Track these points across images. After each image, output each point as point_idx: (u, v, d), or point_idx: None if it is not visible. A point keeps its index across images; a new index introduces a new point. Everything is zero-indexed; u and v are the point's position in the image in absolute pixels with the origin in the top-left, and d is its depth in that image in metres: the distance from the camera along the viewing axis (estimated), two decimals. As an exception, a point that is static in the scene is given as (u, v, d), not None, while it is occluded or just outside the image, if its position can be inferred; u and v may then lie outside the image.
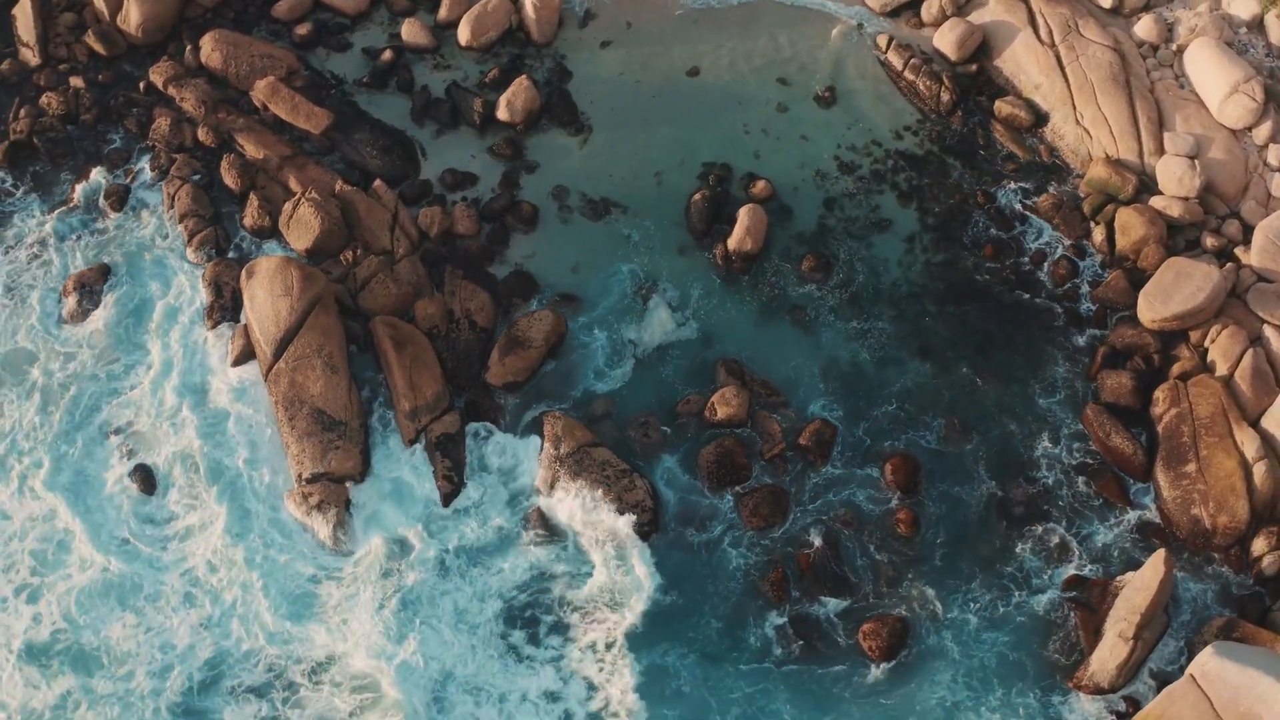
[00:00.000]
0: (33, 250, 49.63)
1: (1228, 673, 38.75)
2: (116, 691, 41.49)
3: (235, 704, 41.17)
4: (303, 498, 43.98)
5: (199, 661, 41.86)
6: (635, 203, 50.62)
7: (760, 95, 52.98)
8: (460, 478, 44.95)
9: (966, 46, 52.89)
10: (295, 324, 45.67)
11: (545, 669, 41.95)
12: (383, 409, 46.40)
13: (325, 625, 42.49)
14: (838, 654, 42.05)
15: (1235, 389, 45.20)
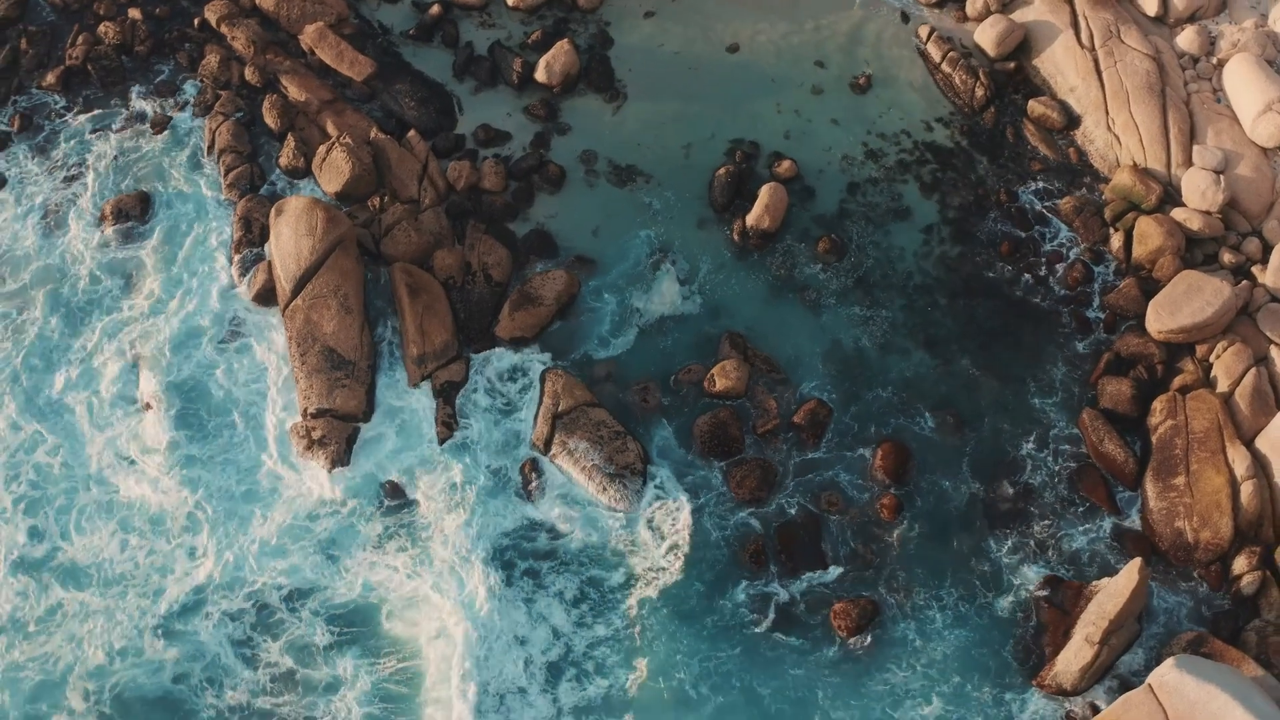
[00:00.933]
0: (75, 172, 50.98)
1: (1186, 686, 38.61)
2: (106, 608, 42.78)
3: (214, 628, 42.30)
4: (306, 431, 45.04)
5: (188, 586, 42.97)
6: (661, 172, 50.91)
7: (796, 77, 52.93)
8: (459, 424, 45.69)
9: (1006, 44, 52.47)
10: (315, 264, 46.65)
11: (519, 611, 42.75)
12: (393, 353, 47.21)
13: (314, 558, 43.47)
14: (805, 628, 42.34)
15: (1234, 406, 44.68)
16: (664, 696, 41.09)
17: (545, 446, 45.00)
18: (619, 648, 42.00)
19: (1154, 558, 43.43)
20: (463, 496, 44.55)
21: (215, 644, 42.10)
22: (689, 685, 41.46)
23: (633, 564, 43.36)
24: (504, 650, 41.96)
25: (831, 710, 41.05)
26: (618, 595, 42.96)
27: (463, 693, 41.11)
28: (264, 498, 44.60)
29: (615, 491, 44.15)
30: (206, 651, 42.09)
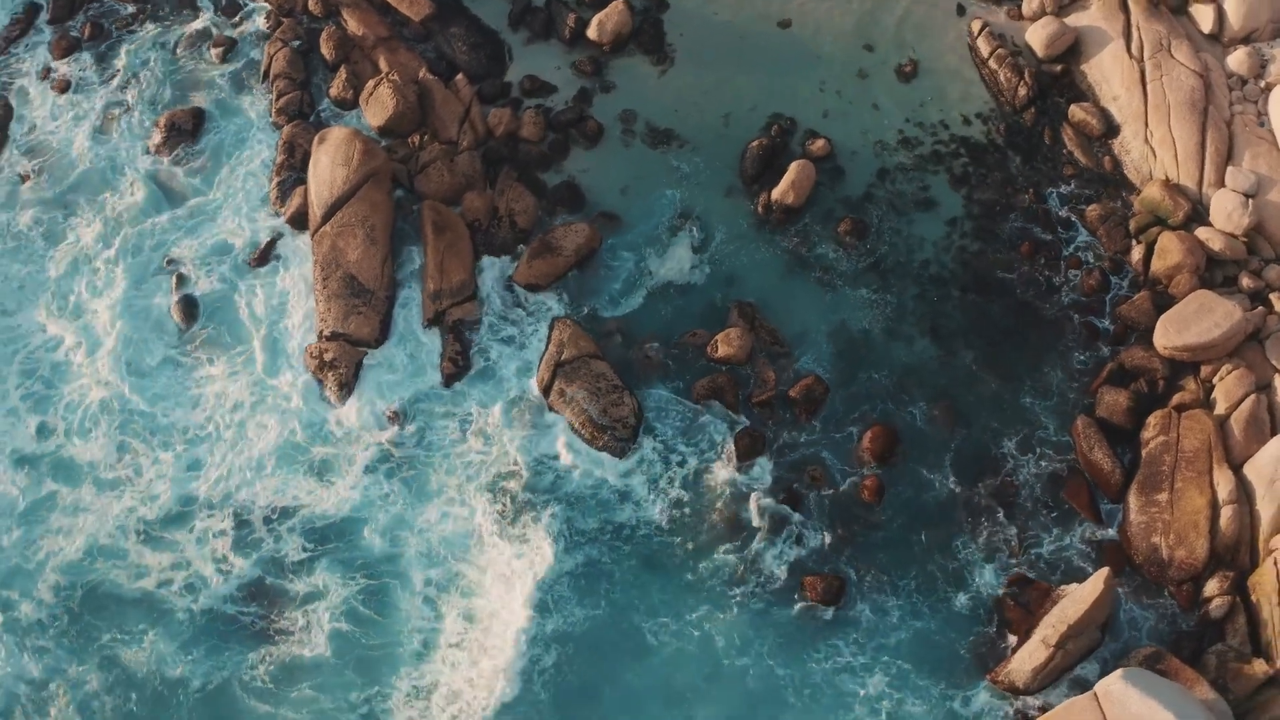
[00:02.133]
0: (135, 82, 52.48)
1: (1130, 699, 38.31)
2: (97, 507, 44.48)
3: (199, 539, 43.87)
4: (319, 353, 46.23)
5: (180, 496, 44.57)
6: (696, 139, 50.96)
7: (844, 58, 52.51)
8: (466, 362, 46.65)
9: (1056, 46, 51.47)
10: (347, 193, 47.61)
11: (503, 549, 43.60)
12: (412, 287, 48.16)
13: (308, 479, 44.84)
14: (771, 594, 42.76)
15: (1228, 430, 43.85)
16: (620, 637, 41.88)
17: (545, 392, 45.73)
18: (586, 588, 42.76)
19: (1128, 571, 42.91)
20: (460, 431, 45.44)
21: (198, 555, 43.51)
22: (649, 631, 42.15)
23: (613, 512, 44.02)
24: (473, 579, 42.92)
25: (776, 666, 41.61)
26: (594, 539, 43.76)
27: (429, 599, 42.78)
28: (269, 416, 45.74)
29: (606, 442, 44.79)
30: (189, 561, 43.53)
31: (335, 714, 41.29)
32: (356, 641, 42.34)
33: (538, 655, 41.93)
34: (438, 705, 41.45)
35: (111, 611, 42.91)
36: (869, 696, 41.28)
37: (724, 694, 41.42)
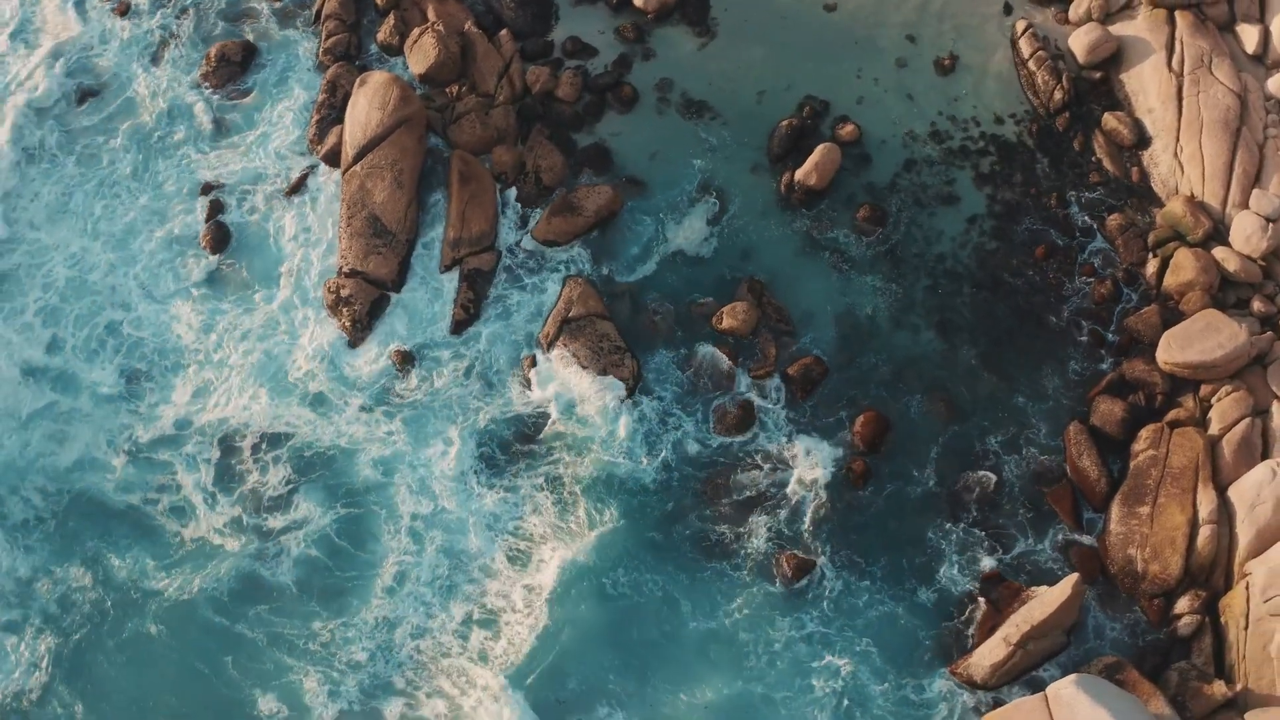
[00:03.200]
0: (189, 11, 53.38)
1: (1078, 704, 38.05)
2: (95, 419, 45.72)
3: (190, 462, 44.92)
4: (336, 288, 46.98)
5: (176, 418, 45.71)
6: (729, 113, 50.81)
7: (885, 46, 51.93)
8: (477, 311, 47.15)
9: (1097, 53, 50.48)
10: (379, 136, 48.09)
11: (489, 495, 44.24)
12: (435, 235, 48.67)
13: (308, 410, 45.76)
14: (741, 562, 43.07)
15: (1218, 451, 43.09)
16: (584, 586, 42.54)
17: (548, 346, 46.11)
18: (562, 535, 43.40)
19: (1102, 580, 42.62)
20: (463, 377, 45.98)
21: (187, 477, 44.55)
22: (610, 583, 42.71)
23: (599, 469, 44.37)
24: (459, 516, 43.90)
25: (737, 631, 41.93)
26: (577, 493, 44.18)
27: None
28: (278, 347, 46.66)
29: (602, 401, 45.20)
30: (178, 484, 44.61)
31: (294, 639, 42.11)
32: (328, 569, 43.16)
33: (508, 602, 42.53)
34: (402, 639, 42.17)
35: (97, 520, 44.07)
36: (826, 669, 41.46)
37: (680, 650, 41.91)
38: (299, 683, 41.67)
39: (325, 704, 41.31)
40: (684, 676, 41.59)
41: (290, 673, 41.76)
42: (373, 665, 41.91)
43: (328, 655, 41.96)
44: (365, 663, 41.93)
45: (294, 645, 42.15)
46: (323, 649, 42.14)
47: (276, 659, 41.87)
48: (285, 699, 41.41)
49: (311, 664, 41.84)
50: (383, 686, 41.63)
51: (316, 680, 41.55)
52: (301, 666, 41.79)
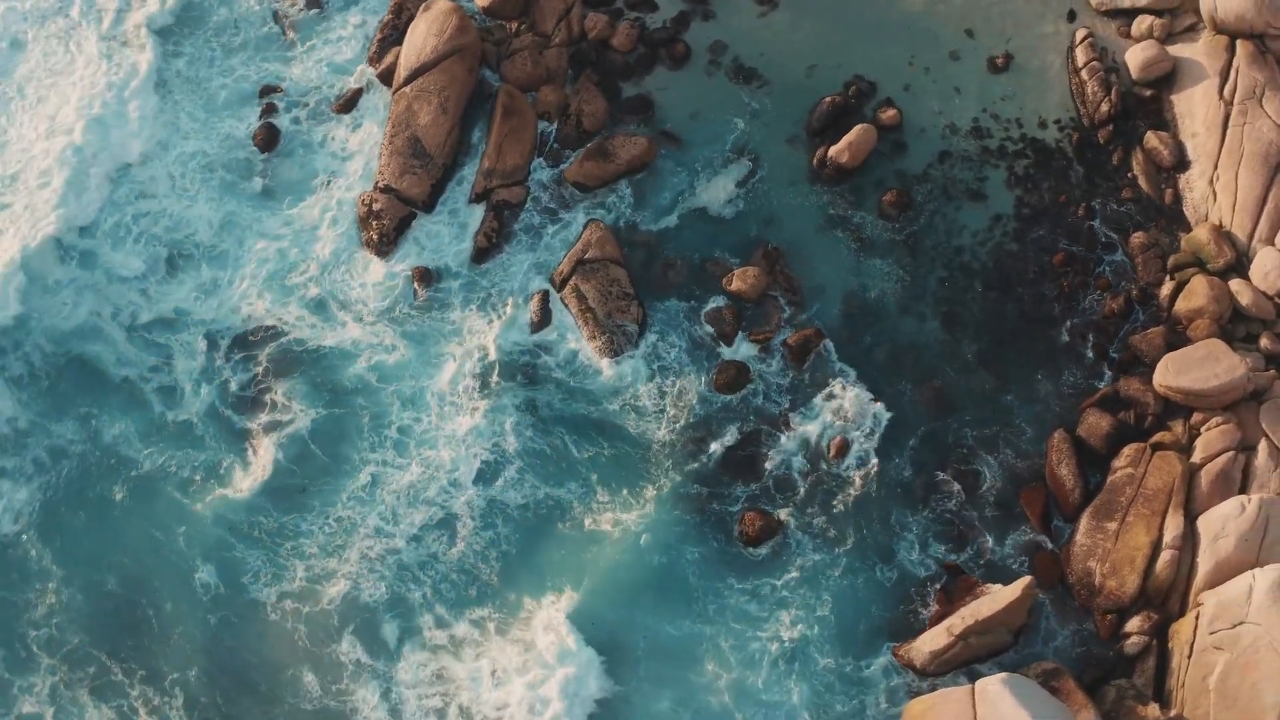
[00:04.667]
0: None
1: (1003, 702, 37.71)
2: (102, 290, 47.09)
3: (191, 348, 46.27)
4: (369, 201, 47.82)
5: (180, 306, 47.00)
6: (776, 82, 50.33)
7: (941, 37, 50.94)
8: (499, 241, 47.63)
9: (1151, 70, 49.00)
10: (432, 61, 48.67)
11: (474, 418, 44.89)
12: (472, 167, 49.12)
13: (315, 314, 46.81)
14: (710, 515, 43.32)
15: (1196, 479, 42.03)
16: (547, 508, 43.38)
17: (560, 284, 46.53)
18: (543, 470, 43.98)
19: (1061, 588, 42.11)
20: (474, 303, 46.60)
21: (184, 362, 45.99)
22: (572, 507, 43.46)
23: (588, 407, 44.86)
24: (443, 432, 44.71)
25: (691, 575, 42.40)
26: (565, 429, 44.66)
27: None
28: (299, 251, 47.74)
29: (602, 343, 45.47)
30: (173, 365, 46.02)
31: (246, 525, 43.55)
32: (308, 460, 44.43)
33: (470, 512, 43.44)
34: (360, 540, 43.19)
35: (92, 387, 45.73)
36: (772, 628, 41.74)
37: (628, 580, 42.41)
38: (242, 561, 43.12)
39: (267, 585, 42.64)
40: (628, 604, 42.12)
41: (235, 551, 43.20)
42: (322, 557, 43.04)
43: (277, 542, 43.19)
44: (315, 554, 43.07)
45: (242, 530, 43.52)
46: (270, 537, 43.39)
47: (227, 539, 43.30)
48: (224, 575, 42.79)
49: (261, 550, 43.07)
50: (327, 575, 42.78)
51: (262, 561, 42.96)
52: (254, 551, 43.06)
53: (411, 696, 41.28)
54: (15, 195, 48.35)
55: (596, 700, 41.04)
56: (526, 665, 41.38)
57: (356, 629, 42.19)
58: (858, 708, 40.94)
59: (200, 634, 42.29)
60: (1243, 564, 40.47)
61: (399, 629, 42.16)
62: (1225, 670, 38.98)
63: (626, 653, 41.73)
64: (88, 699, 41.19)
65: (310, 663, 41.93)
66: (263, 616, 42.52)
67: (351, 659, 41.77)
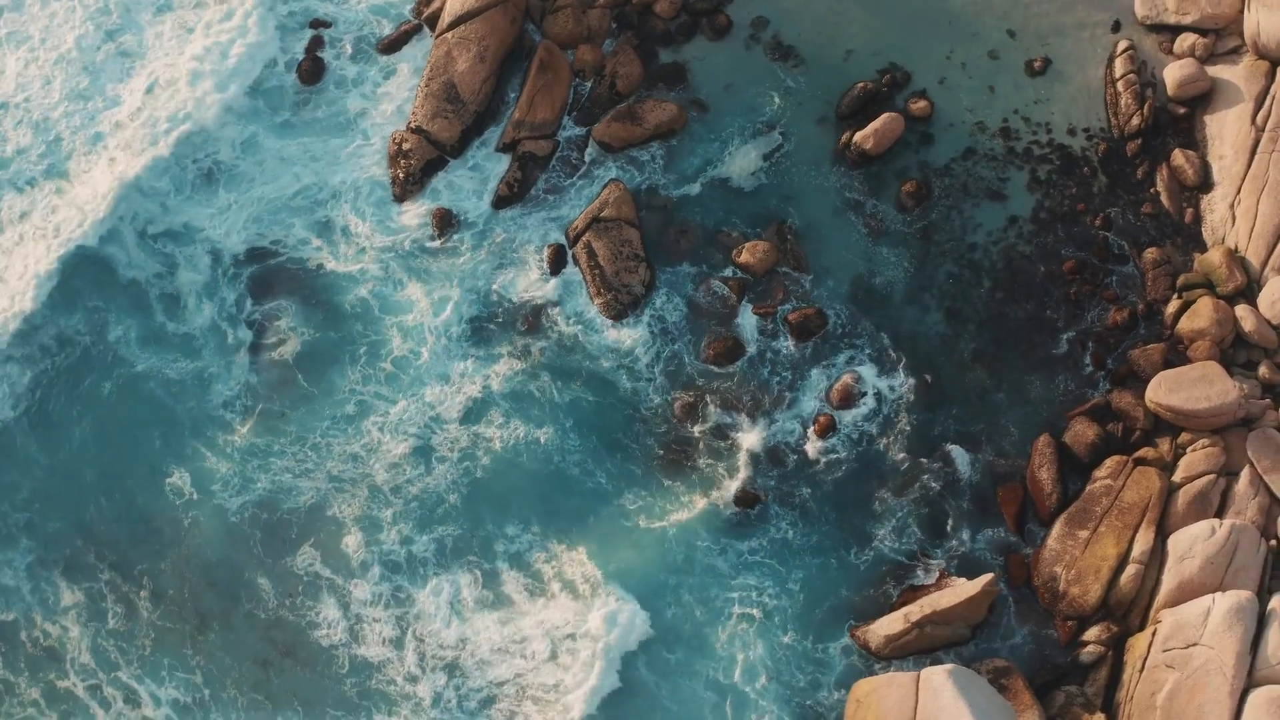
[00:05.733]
0: None
1: (944, 692, 37.79)
2: (130, 198, 47.76)
3: (197, 263, 47.15)
4: (399, 140, 48.26)
5: (194, 220, 47.85)
6: (812, 63, 49.82)
7: (982, 35, 49.97)
8: (520, 192, 47.82)
9: (1187, 89, 47.82)
10: (475, 10, 48.90)
11: (466, 364, 45.44)
12: (504, 118, 49.30)
13: (329, 244, 47.54)
14: (686, 475, 43.59)
15: (1174, 498, 41.50)
16: (527, 448, 43.90)
17: (573, 240, 46.68)
18: (527, 413, 44.58)
19: (1027, 590, 41.79)
20: (486, 249, 47.00)
21: (190, 275, 46.91)
22: (561, 457, 43.97)
23: (583, 362, 45.18)
24: (441, 372, 45.31)
25: (668, 528, 42.77)
26: (557, 380, 45.08)
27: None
28: (324, 181, 48.33)
29: (606, 300, 45.67)
30: (179, 277, 46.96)
31: (223, 444, 44.58)
32: (293, 384, 45.45)
33: (450, 446, 44.07)
34: (336, 461, 43.99)
35: (104, 286, 46.91)
36: (734, 589, 42.22)
37: (597, 524, 43.05)
38: (214, 470, 44.25)
39: (234, 494, 43.63)
40: (599, 544, 42.79)
41: (208, 460, 44.33)
42: (290, 476, 43.96)
43: (250, 457, 44.27)
44: (288, 470, 44.04)
45: (217, 442, 44.58)
46: (242, 454, 44.42)
47: (201, 449, 44.38)
48: (196, 480, 43.91)
49: (233, 462, 44.14)
50: (290, 490, 43.78)
51: (230, 471, 43.98)
52: (226, 462, 44.20)
53: (369, 614, 42.15)
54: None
55: (557, 635, 41.87)
56: (482, 592, 42.36)
57: (318, 542, 43.21)
58: (813, 682, 41.07)
59: (169, 531, 43.56)
60: (1206, 586, 39.98)
61: (361, 546, 43.03)
62: (1174, 689, 38.61)
63: (585, 590, 42.28)
64: (60, 579, 42.68)
65: (271, 571, 43.08)
66: (228, 523, 43.65)
67: (310, 571, 42.75)
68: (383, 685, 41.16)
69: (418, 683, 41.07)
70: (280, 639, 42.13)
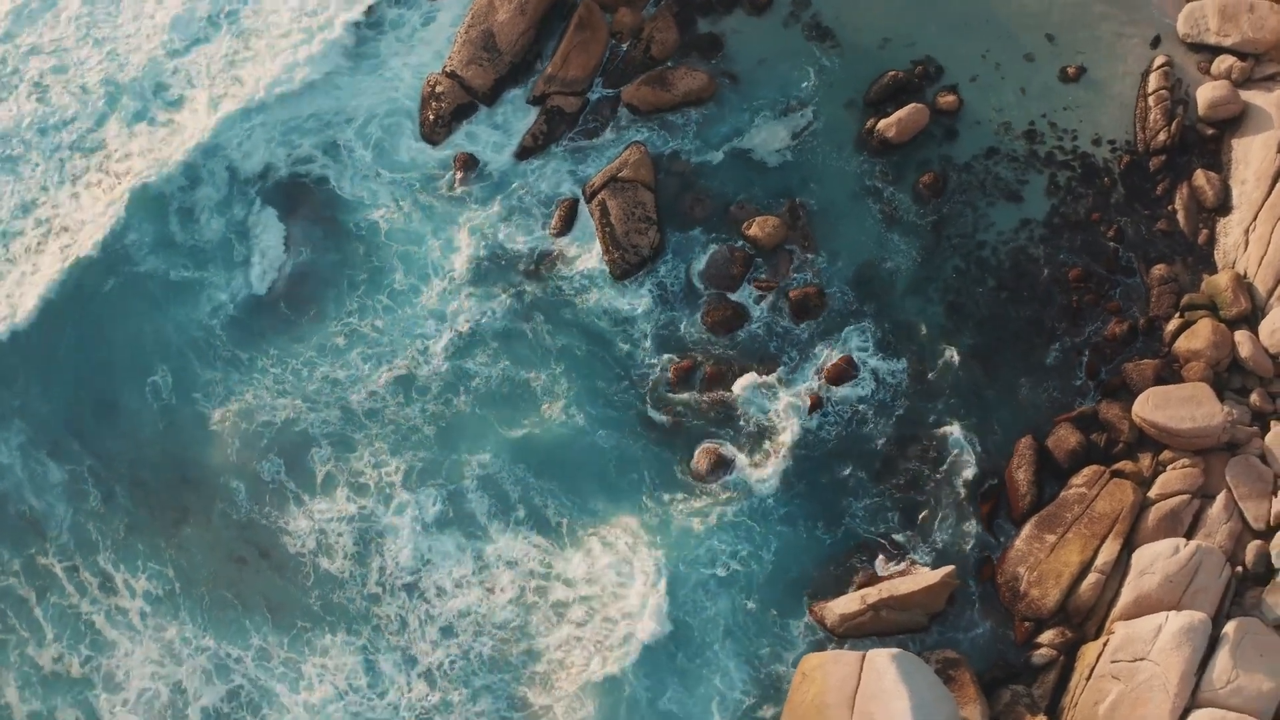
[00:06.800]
0: None
1: (887, 674, 37.59)
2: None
3: (209, 180, 48.04)
4: (433, 83, 48.60)
5: (217, 133, 48.85)
6: (849, 47, 49.31)
7: (1020, 37, 49.09)
8: (543, 144, 47.91)
9: (1218, 110, 46.68)
10: (520, -39, 49.38)
11: (471, 296, 45.90)
12: (538, 73, 49.53)
13: (345, 168, 48.22)
14: (670, 436, 43.71)
15: (1145, 513, 40.84)
16: (509, 387, 44.44)
17: (589, 196, 46.70)
18: (516, 355, 44.99)
19: (991, 586, 41.31)
20: (501, 197, 47.26)
21: (209, 192, 47.77)
22: (546, 399, 44.36)
23: (583, 317, 45.33)
24: (437, 309, 45.71)
25: (649, 475, 43.04)
26: (552, 328, 45.39)
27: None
28: (350, 111, 48.97)
29: (613, 258, 45.70)
30: (199, 192, 47.82)
31: (206, 348, 45.47)
32: (291, 302, 46.28)
33: (434, 379, 44.60)
34: (316, 382, 44.76)
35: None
36: (705, 549, 42.02)
37: (572, 466, 43.32)
38: (198, 376, 45.23)
39: (216, 402, 44.51)
40: (571, 485, 43.14)
41: (193, 365, 45.35)
42: (273, 394, 44.74)
43: (234, 368, 45.14)
44: (267, 387, 44.81)
45: (202, 346, 45.58)
46: (228, 363, 45.36)
47: (187, 353, 45.41)
48: (178, 382, 44.85)
49: (217, 370, 45.18)
50: (272, 406, 44.55)
51: (213, 378, 44.94)
52: (211, 370, 45.19)
53: (332, 529, 42.80)
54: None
55: (514, 563, 42.37)
56: (448, 519, 42.86)
57: (289, 457, 43.90)
58: (773, 653, 41.02)
59: (149, 427, 44.60)
60: (1162, 603, 39.34)
61: (331, 463, 43.72)
62: (1117, 700, 38.13)
63: (555, 529, 42.73)
64: (49, 460, 43.83)
65: (243, 477, 43.75)
66: (207, 429, 44.41)
67: (277, 481, 43.48)
68: (344, 601, 41.72)
69: (379, 603, 41.66)
70: (253, 541, 42.97)
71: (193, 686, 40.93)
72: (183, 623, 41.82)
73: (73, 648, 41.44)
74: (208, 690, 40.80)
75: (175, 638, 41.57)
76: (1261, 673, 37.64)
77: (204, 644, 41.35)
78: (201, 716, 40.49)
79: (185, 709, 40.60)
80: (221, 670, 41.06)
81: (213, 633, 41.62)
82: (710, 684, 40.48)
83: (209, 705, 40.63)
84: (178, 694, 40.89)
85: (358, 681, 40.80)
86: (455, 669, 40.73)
